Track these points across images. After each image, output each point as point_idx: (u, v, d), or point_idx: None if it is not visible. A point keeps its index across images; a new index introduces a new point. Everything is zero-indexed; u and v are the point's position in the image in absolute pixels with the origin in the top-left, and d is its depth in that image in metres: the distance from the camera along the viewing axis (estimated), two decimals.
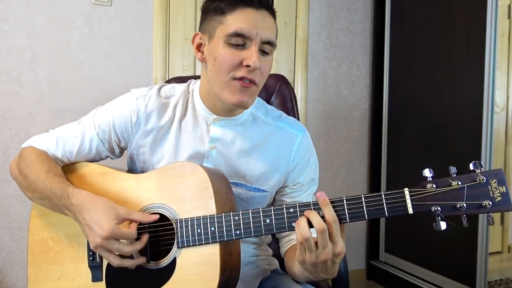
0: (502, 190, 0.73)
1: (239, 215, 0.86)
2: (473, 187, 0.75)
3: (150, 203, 0.94)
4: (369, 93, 2.60)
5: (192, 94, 1.05)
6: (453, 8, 2.10)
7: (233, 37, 0.90)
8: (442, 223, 0.76)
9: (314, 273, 0.85)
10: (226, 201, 0.92)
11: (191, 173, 0.91)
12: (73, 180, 1.01)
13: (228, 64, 0.91)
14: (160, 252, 0.93)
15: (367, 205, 0.79)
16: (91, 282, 0.94)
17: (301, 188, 1.07)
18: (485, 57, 1.91)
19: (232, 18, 0.91)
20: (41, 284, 0.99)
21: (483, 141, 1.93)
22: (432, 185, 0.76)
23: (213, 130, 1.01)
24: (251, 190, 1.02)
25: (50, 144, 1.04)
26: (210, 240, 0.87)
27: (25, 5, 1.89)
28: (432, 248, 2.21)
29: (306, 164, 1.06)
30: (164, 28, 2.11)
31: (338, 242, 0.79)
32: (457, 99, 2.08)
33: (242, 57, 0.90)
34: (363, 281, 2.59)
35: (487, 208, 0.74)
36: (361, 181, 2.62)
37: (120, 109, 1.03)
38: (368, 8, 2.57)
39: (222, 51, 0.91)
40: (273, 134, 1.04)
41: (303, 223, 0.79)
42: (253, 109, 1.06)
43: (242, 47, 0.91)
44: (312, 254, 0.80)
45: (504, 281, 2.40)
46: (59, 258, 0.98)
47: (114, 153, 1.07)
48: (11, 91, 1.89)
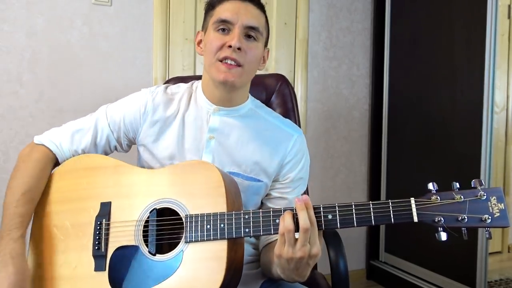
0: (501, 207, 0.79)
1: (249, 214, 0.89)
2: (474, 202, 0.80)
3: (161, 197, 0.96)
4: (369, 93, 2.60)
5: (195, 90, 1.14)
6: (453, 8, 2.10)
7: (219, 24, 1.02)
8: (443, 234, 0.81)
9: (287, 270, 0.87)
10: (235, 201, 0.95)
11: (204, 171, 0.95)
12: (86, 171, 1.03)
13: (214, 46, 1.02)
14: (167, 247, 0.94)
15: (374, 212, 0.83)
16: (93, 271, 0.94)
17: (290, 184, 1.10)
18: (485, 57, 1.91)
19: (219, 9, 1.04)
20: (41, 272, 0.98)
21: (483, 141, 1.93)
22: (436, 197, 0.82)
23: (212, 120, 1.08)
24: (247, 179, 1.06)
25: (64, 139, 1.09)
26: (218, 237, 0.89)
27: (25, 5, 1.89)
28: (432, 248, 2.20)
29: (298, 162, 1.11)
30: (164, 28, 2.11)
31: (315, 244, 0.83)
32: (457, 99, 2.08)
33: (226, 40, 1.01)
34: (363, 281, 2.59)
35: (487, 222, 0.79)
36: (361, 181, 2.62)
37: (130, 103, 1.12)
38: (368, 8, 2.57)
39: (211, 36, 1.03)
40: (270, 130, 1.11)
41: (288, 217, 0.84)
42: (253, 107, 1.14)
43: (227, 32, 1.02)
44: (289, 249, 0.83)
45: (504, 281, 2.40)
46: (62, 246, 0.98)
47: (122, 146, 1.14)
48: (11, 91, 1.89)
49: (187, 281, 0.88)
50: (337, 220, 0.85)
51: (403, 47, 2.42)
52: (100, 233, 0.96)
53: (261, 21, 1.05)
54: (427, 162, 2.22)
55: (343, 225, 0.85)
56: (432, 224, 0.81)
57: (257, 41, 1.04)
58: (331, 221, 0.85)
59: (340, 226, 0.85)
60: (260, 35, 1.04)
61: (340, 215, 0.85)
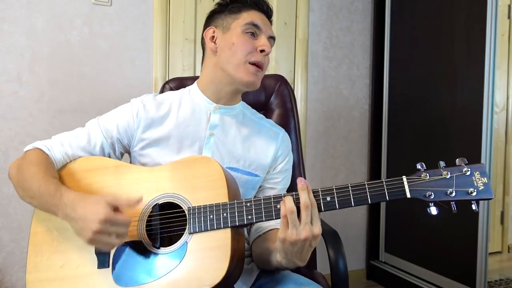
0: (484, 180, 0.86)
1: (251, 202, 0.92)
2: (460, 177, 0.87)
3: (163, 192, 0.97)
4: (369, 93, 2.60)
5: (189, 92, 1.18)
6: (453, 8, 2.10)
7: (250, 26, 1.09)
8: (433, 208, 0.87)
9: (289, 254, 0.88)
10: (236, 194, 0.98)
11: (204, 165, 0.97)
12: (86, 173, 1.04)
13: (246, 48, 1.08)
14: (171, 240, 0.95)
15: (370, 191, 0.89)
16: (97, 269, 0.94)
17: (279, 175, 1.19)
18: (485, 57, 1.91)
19: (246, 14, 1.11)
20: (40, 273, 0.97)
21: (483, 141, 1.93)
22: (426, 174, 0.88)
23: (213, 117, 1.13)
24: (245, 174, 1.12)
25: (54, 144, 1.08)
26: (222, 225, 0.91)
27: (25, 5, 1.89)
28: (432, 248, 2.21)
29: (286, 155, 1.21)
30: (164, 28, 2.11)
31: (317, 223, 0.86)
32: (457, 99, 2.08)
33: (256, 44, 1.09)
34: (363, 281, 2.59)
35: (473, 195, 0.85)
36: (361, 181, 2.61)
37: (121, 113, 1.13)
38: (368, 8, 2.57)
39: (240, 37, 1.09)
40: (260, 128, 1.19)
41: (289, 200, 0.87)
42: (243, 107, 1.21)
43: (254, 37, 1.09)
44: (293, 230, 0.85)
45: (504, 281, 2.40)
46: (62, 247, 0.98)
47: (115, 153, 1.13)
48: (11, 91, 1.89)
49: (193, 271, 0.89)
50: (335, 201, 0.89)
51: (403, 47, 2.42)
52: None
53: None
54: (427, 162, 2.21)
55: (341, 205, 0.88)
56: (423, 199, 0.86)
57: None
58: (329, 202, 0.89)
59: (338, 207, 0.89)
60: (272, 46, 1.13)
61: (338, 196, 0.89)
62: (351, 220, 2.56)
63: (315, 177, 2.47)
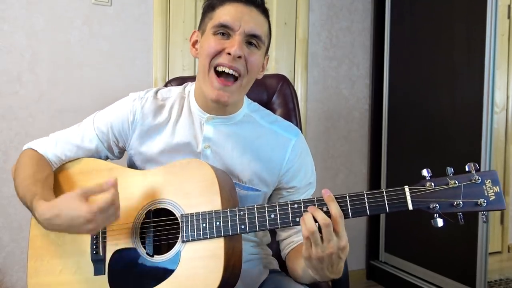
0: (496, 190, 0.78)
1: (244, 210, 0.88)
2: (469, 186, 0.78)
3: (156, 198, 0.95)
4: (369, 93, 2.60)
5: (188, 96, 1.08)
6: (453, 8, 2.10)
7: (218, 28, 0.95)
8: (439, 220, 0.79)
9: (320, 270, 0.85)
10: (230, 198, 0.94)
11: (197, 170, 0.93)
12: (80, 176, 1.02)
13: (211, 50, 0.95)
14: (164, 247, 0.94)
15: (369, 202, 0.82)
16: (93, 276, 0.94)
17: (297, 191, 1.08)
18: (485, 57, 1.91)
19: (219, 11, 0.97)
20: (41, 278, 0.98)
21: (483, 141, 1.93)
22: (431, 183, 0.80)
23: (206, 129, 1.03)
24: (244, 189, 1.03)
25: (49, 144, 1.06)
26: (215, 234, 0.88)
27: (25, 5, 1.89)
28: (432, 248, 2.21)
29: (299, 168, 1.07)
30: (164, 28, 2.10)
31: (343, 236, 0.82)
32: (457, 99, 2.08)
33: (225, 45, 0.94)
34: (363, 281, 2.59)
35: (482, 206, 0.77)
36: (361, 181, 2.62)
37: (117, 111, 1.07)
38: (368, 8, 2.57)
39: (209, 40, 0.96)
40: (267, 136, 1.06)
41: (308, 218, 0.81)
42: (248, 111, 1.08)
43: (227, 36, 0.95)
44: (318, 248, 0.81)
45: (504, 281, 2.40)
46: (61, 252, 0.98)
47: (113, 153, 1.10)
48: (11, 91, 1.89)
49: (186, 280, 0.88)
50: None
51: (403, 47, 2.42)
52: (97, 237, 0.95)
53: (264, 29, 0.99)
54: (427, 162, 2.21)
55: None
56: (427, 211, 0.80)
57: (258, 49, 0.98)
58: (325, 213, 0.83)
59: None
60: (262, 43, 0.98)
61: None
62: (351, 220, 2.55)
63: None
